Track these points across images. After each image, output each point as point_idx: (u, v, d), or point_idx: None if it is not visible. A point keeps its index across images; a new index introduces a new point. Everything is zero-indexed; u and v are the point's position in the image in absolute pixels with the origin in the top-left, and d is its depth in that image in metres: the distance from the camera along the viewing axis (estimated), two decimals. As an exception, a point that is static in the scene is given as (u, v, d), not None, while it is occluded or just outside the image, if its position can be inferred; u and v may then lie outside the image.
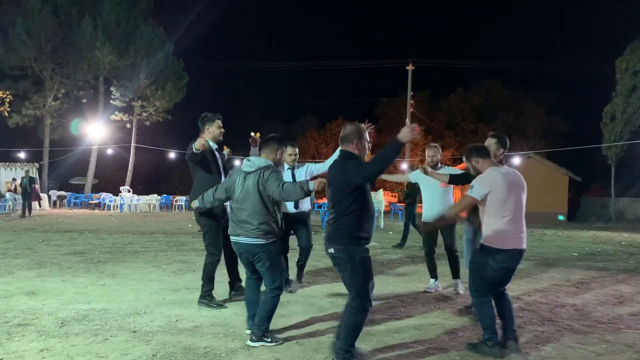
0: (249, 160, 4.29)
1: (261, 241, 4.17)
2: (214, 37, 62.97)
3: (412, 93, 34.70)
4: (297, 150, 6.12)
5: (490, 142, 5.02)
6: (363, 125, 4.01)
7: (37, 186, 23.66)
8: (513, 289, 6.31)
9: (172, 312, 5.17)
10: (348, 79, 72.02)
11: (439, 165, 6.31)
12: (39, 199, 23.10)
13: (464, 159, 4.51)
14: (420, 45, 70.16)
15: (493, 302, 4.18)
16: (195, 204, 4.84)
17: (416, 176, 6.39)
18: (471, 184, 4.17)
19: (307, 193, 4.01)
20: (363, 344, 4.17)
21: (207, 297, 5.40)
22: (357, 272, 3.70)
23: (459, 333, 4.69)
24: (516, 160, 24.67)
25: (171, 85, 31.24)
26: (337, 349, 3.76)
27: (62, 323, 4.71)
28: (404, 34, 75.17)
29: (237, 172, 4.38)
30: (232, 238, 4.30)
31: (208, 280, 5.43)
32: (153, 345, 4.15)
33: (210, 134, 5.42)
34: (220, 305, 5.38)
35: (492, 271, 4.07)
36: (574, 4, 65.31)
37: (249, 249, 4.21)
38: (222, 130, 5.51)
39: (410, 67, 34.03)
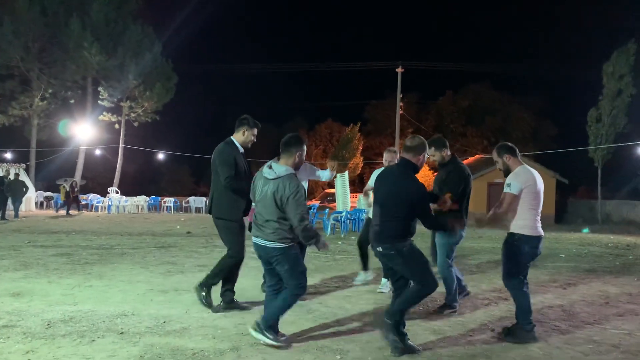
0: (270, 168, 4.21)
1: (278, 245, 4.15)
2: (203, 38, 62.95)
3: (401, 95, 34.77)
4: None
5: (431, 152, 5.36)
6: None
7: (77, 190, 23.48)
8: (501, 290, 6.35)
9: (160, 313, 5.14)
10: (337, 81, 72.15)
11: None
12: (77, 203, 22.95)
13: (494, 155, 4.79)
14: (410, 48, 70.50)
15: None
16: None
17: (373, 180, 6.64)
18: (507, 182, 4.53)
19: (309, 241, 4.15)
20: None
21: (208, 289, 5.23)
22: (411, 258, 4.09)
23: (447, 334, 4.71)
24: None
25: (160, 86, 31.06)
26: (392, 310, 4.14)
27: (48, 324, 4.66)
28: (394, 37, 75.47)
29: (259, 177, 4.33)
30: (253, 239, 4.31)
31: (217, 276, 5.24)
32: (141, 347, 4.13)
33: (242, 138, 5.28)
34: (211, 305, 5.21)
35: (526, 256, 4.57)
36: (562, 9, 65.88)
37: (267, 251, 4.21)
38: (254, 140, 5.39)
39: (399, 70, 34.12)
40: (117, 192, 28.16)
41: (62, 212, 21.72)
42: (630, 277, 8.25)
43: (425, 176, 34.78)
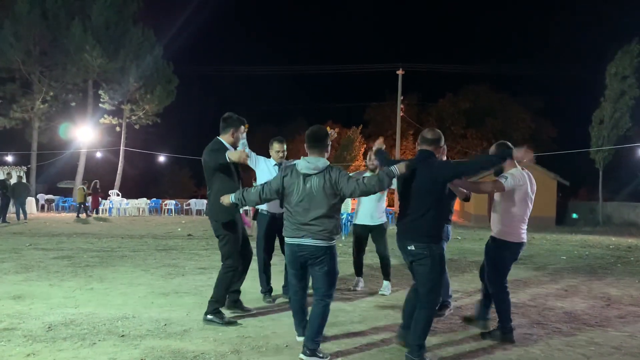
0: (308, 162, 4.02)
1: (326, 243, 3.98)
2: (204, 40, 62.97)
3: (401, 97, 34.79)
4: (284, 146, 6.00)
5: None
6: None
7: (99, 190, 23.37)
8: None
9: (161, 316, 5.13)
10: (337, 82, 72.16)
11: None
12: (96, 205, 22.87)
13: (491, 150, 4.69)
14: (410, 50, 70.55)
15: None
16: (230, 198, 4.44)
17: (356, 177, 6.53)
18: (505, 174, 4.49)
19: (391, 181, 3.99)
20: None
21: (216, 314, 4.93)
22: (436, 267, 3.98)
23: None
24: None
25: (161, 88, 31.08)
26: (412, 344, 3.93)
27: (49, 327, 4.66)
28: (394, 39, 75.54)
29: (294, 175, 4.08)
30: (294, 240, 4.05)
31: (221, 296, 4.98)
32: (141, 350, 4.12)
33: (231, 139, 5.10)
34: (232, 322, 4.91)
35: (507, 262, 4.63)
36: (563, 9, 65.95)
37: (313, 251, 3.99)
38: (241, 137, 5.29)
39: (400, 72, 34.15)
40: (118, 195, 28.16)
41: (84, 215, 21.67)
42: (632, 278, 8.24)
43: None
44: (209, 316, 4.93)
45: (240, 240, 5.14)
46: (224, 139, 5.10)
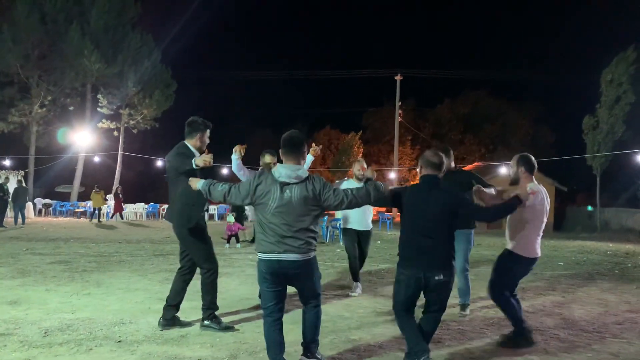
0: (288, 170, 3.74)
1: (309, 256, 3.78)
2: (202, 45, 63.04)
3: (399, 103, 34.85)
4: (275, 158, 6.06)
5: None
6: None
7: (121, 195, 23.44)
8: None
9: (158, 321, 5.11)
10: (336, 88, 72.34)
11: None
12: (120, 210, 22.95)
13: (513, 160, 4.76)
14: (408, 56, 70.76)
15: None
16: (197, 184, 4.15)
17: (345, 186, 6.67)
18: (529, 188, 4.47)
19: (378, 196, 3.96)
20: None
21: (213, 319, 4.93)
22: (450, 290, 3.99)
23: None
24: (502, 170, 24.85)
25: (159, 93, 31.08)
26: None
27: (46, 333, 4.65)
28: (392, 45, 75.76)
29: (269, 182, 3.76)
30: (273, 256, 3.69)
31: (211, 301, 4.94)
32: (138, 355, 4.11)
33: (198, 144, 5.00)
34: (229, 328, 4.91)
35: (516, 275, 4.73)
36: (561, 16, 66.26)
37: (296, 266, 3.72)
38: (208, 140, 5.13)
39: (398, 78, 34.24)
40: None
41: (94, 220, 21.70)
42: (629, 285, 8.25)
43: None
44: (206, 322, 4.93)
45: (210, 240, 5.06)
46: (190, 143, 5.00)
